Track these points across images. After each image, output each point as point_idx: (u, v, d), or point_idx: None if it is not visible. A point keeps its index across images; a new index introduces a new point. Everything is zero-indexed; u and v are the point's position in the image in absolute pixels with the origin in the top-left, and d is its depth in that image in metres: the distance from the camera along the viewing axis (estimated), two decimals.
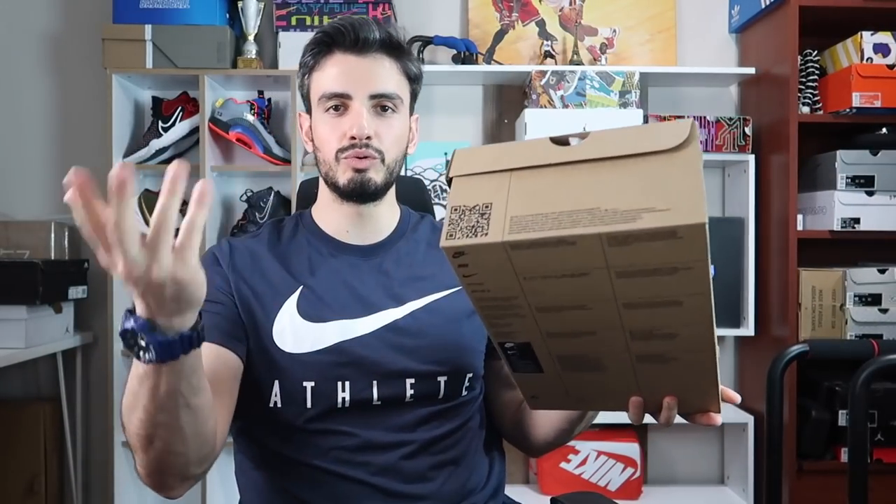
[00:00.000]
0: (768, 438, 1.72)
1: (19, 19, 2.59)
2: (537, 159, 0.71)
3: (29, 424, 2.42)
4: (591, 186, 0.68)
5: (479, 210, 0.70)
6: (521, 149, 0.73)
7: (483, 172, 0.73)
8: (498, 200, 0.70)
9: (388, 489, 1.05)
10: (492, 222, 0.69)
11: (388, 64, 1.09)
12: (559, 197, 0.68)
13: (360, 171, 1.08)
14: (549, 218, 0.67)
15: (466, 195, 0.72)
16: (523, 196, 0.69)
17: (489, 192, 0.71)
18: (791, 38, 2.23)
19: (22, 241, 2.37)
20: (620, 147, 0.69)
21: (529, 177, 0.71)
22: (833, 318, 2.25)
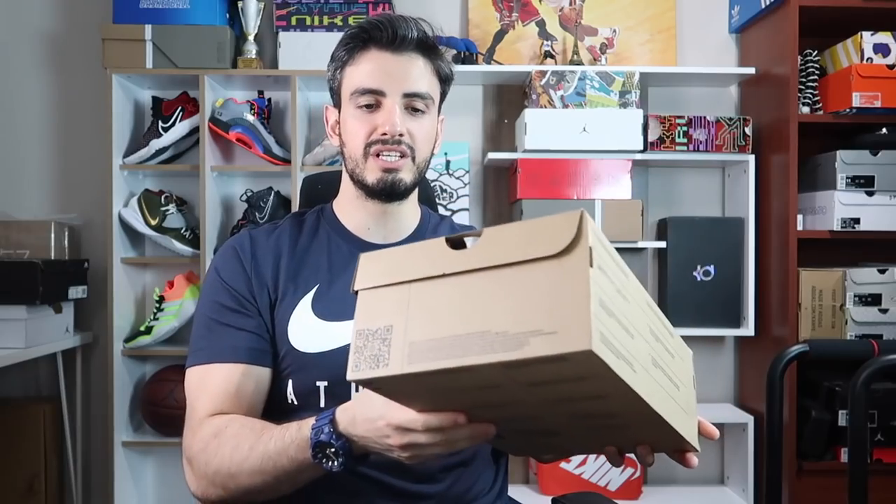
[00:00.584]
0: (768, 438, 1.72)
1: (19, 19, 2.59)
2: (433, 268, 0.68)
3: (29, 424, 2.42)
4: (481, 304, 0.64)
5: (380, 335, 0.69)
6: (419, 254, 0.70)
7: (385, 285, 0.71)
8: (398, 322, 0.68)
9: (396, 487, 1.04)
10: (392, 350, 0.67)
11: (421, 63, 1.09)
12: (453, 317, 0.65)
13: (390, 170, 1.08)
14: (445, 344, 0.64)
15: (370, 315, 0.71)
16: (421, 316, 0.67)
17: (390, 311, 0.70)
18: (791, 38, 2.23)
19: (22, 241, 2.37)
20: (509, 252, 0.64)
21: (427, 290, 0.68)
22: (833, 318, 2.25)
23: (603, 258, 0.64)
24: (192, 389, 1.05)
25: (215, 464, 0.94)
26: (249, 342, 1.06)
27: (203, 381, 1.04)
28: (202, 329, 1.08)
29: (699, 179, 2.61)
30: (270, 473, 0.89)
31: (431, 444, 0.75)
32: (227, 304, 1.07)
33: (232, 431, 0.95)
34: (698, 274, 2.42)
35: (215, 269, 1.11)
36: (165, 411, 2.34)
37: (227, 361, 1.04)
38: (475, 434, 0.74)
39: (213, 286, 1.10)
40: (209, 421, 0.99)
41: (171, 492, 2.56)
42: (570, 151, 2.33)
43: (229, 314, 1.07)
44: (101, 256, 2.43)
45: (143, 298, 2.54)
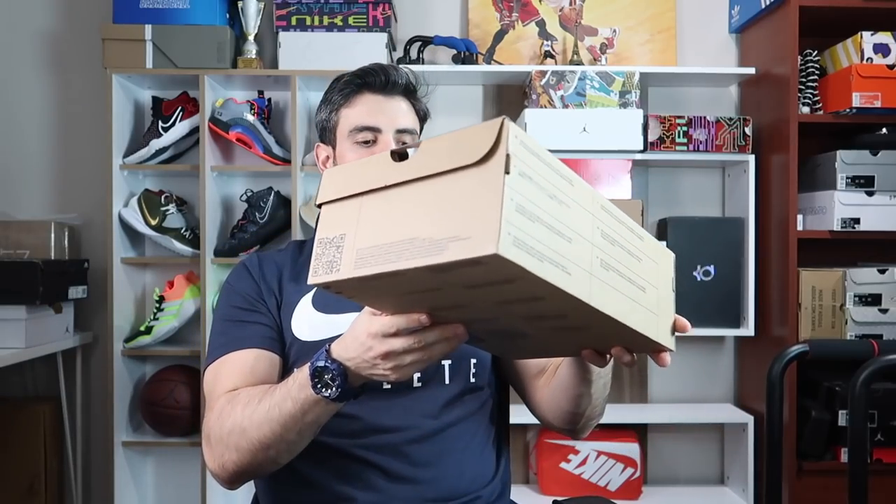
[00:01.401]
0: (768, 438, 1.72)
1: (19, 19, 2.59)
2: (379, 180, 0.73)
3: (29, 424, 2.42)
4: (412, 212, 0.69)
5: (335, 243, 0.75)
6: (370, 168, 0.75)
7: (341, 199, 0.77)
8: (349, 231, 0.74)
9: (391, 471, 1.10)
10: (343, 256, 0.73)
11: (405, 106, 1.24)
12: (392, 225, 0.70)
13: None
14: (383, 250, 0.69)
15: (328, 225, 0.76)
16: (368, 225, 0.73)
17: (344, 221, 0.75)
18: (791, 38, 2.23)
19: (22, 241, 2.37)
20: (438, 162, 0.68)
21: (373, 201, 0.73)
22: (833, 318, 2.25)
23: (529, 164, 0.66)
24: (210, 381, 1.13)
25: (228, 424, 1.00)
26: (262, 332, 1.16)
27: (219, 370, 1.12)
28: (217, 333, 1.18)
29: (699, 179, 2.61)
30: (276, 420, 0.94)
31: (409, 349, 0.80)
32: (239, 305, 1.19)
33: (244, 394, 1.03)
34: (698, 274, 2.42)
35: (228, 283, 1.24)
36: (165, 411, 2.34)
37: (241, 348, 1.13)
38: (446, 335, 0.80)
39: (228, 296, 1.22)
40: (223, 396, 1.07)
41: (171, 492, 2.56)
42: (570, 151, 2.33)
43: (242, 313, 1.18)
44: (101, 256, 2.43)
45: (143, 298, 2.54)
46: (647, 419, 2.46)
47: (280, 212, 2.41)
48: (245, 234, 2.38)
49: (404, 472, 1.10)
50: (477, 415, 1.18)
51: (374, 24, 2.37)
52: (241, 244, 2.37)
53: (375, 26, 2.37)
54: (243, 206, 2.46)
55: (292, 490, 1.13)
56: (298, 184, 2.36)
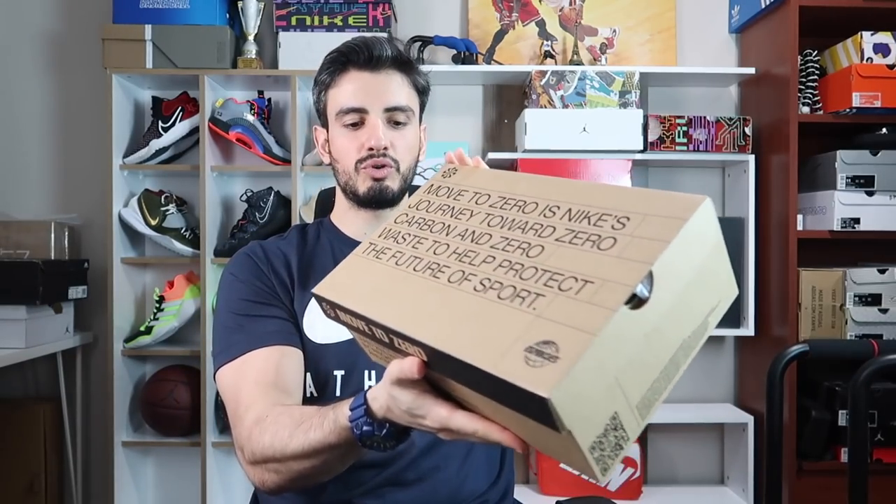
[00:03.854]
0: (768, 438, 1.72)
1: (19, 19, 2.59)
2: (633, 345, 0.61)
3: (29, 424, 2.42)
4: (674, 323, 0.64)
5: (610, 427, 0.61)
6: (615, 342, 0.59)
7: (593, 399, 0.59)
8: (619, 405, 0.61)
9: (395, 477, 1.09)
10: (626, 426, 0.61)
11: (398, 79, 1.16)
12: (656, 354, 0.63)
13: (378, 180, 1.15)
14: (660, 379, 0.63)
15: (592, 428, 0.60)
16: (633, 380, 0.61)
17: (606, 404, 0.60)
18: (791, 38, 2.23)
19: (22, 241, 2.37)
20: (684, 273, 0.63)
21: (630, 362, 0.62)
22: (833, 318, 2.25)
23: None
24: (230, 385, 1.05)
25: (259, 452, 0.94)
26: (282, 327, 1.10)
27: (241, 371, 1.05)
28: (229, 328, 1.10)
29: (699, 179, 2.61)
30: (316, 458, 0.89)
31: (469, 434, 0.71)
32: (251, 298, 1.12)
33: (272, 419, 0.95)
34: None
35: (231, 274, 1.16)
36: (165, 411, 2.34)
37: (263, 346, 1.06)
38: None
39: (233, 287, 1.14)
40: (252, 408, 1.00)
41: (171, 492, 2.56)
42: (570, 151, 2.33)
43: (256, 306, 1.11)
44: (101, 256, 2.43)
45: (143, 298, 2.54)
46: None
47: (280, 212, 2.41)
48: (245, 234, 2.38)
49: (408, 477, 1.09)
50: None
51: (374, 24, 2.37)
52: (241, 244, 2.37)
53: (375, 26, 2.37)
54: (243, 206, 2.46)
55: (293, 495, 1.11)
56: (298, 184, 2.36)
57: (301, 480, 0.93)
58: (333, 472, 0.93)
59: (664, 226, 0.63)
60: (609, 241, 0.65)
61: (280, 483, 0.95)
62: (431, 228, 0.81)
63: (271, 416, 0.96)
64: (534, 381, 0.56)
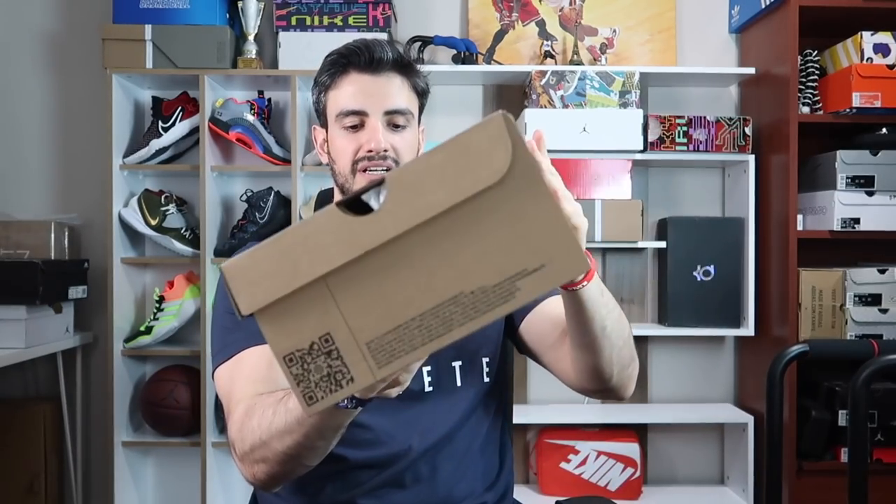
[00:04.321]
0: (768, 438, 1.72)
1: (19, 19, 2.59)
2: (349, 250, 0.54)
3: (29, 424, 2.42)
4: (431, 268, 0.53)
5: (320, 349, 0.56)
6: (314, 238, 0.56)
7: (288, 294, 0.56)
8: (335, 327, 0.55)
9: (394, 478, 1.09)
10: (348, 361, 0.55)
11: (398, 81, 1.16)
12: (404, 295, 0.54)
13: None
14: (413, 328, 0.54)
15: (289, 335, 0.56)
16: (361, 309, 0.55)
17: (315, 319, 0.55)
18: (791, 38, 2.23)
19: (22, 241, 2.37)
20: (435, 197, 0.53)
21: (351, 277, 0.55)
22: (833, 318, 2.25)
23: None
24: (225, 383, 1.07)
25: (250, 439, 0.95)
26: None
27: (235, 370, 1.06)
28: (226, 328, 1.11)
29: (699, 179, 2.61)
30: (298, 432, 0.89)
31: None
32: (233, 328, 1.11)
33: (259, 404, 0.97)
34: (698, 274, 2.41)
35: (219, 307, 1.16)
36: (165, 411, 2.34)
37: (257, 344, 1.06)
38: None
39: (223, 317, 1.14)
40: (243, 401, 1.01)
41: (171, 492, 2.56)
42: (570, 151, 2.33)
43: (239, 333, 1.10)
44: (101, 256, 2.43)
45: (143, 298, 2.54)
46: (647, 419, 2.46)
47: (280, 212, 2.41)
48: (245, 234, 2.37)
49: (407, 478, 1.09)
50: (486, 416, 1.17)
51: (374, 24, 2.37)
52: (241, 244, 2.37)
53: (375, 26, 2.37)
54: (243, 206, 2.46)
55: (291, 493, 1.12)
56: (298, 184, 2.35)
57: (288, 462, 0.92)
58: (316, 449, 0.92)
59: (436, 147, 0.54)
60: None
61: (270, 472, 0.94)
62: None
63: (259, 403, 0.98)
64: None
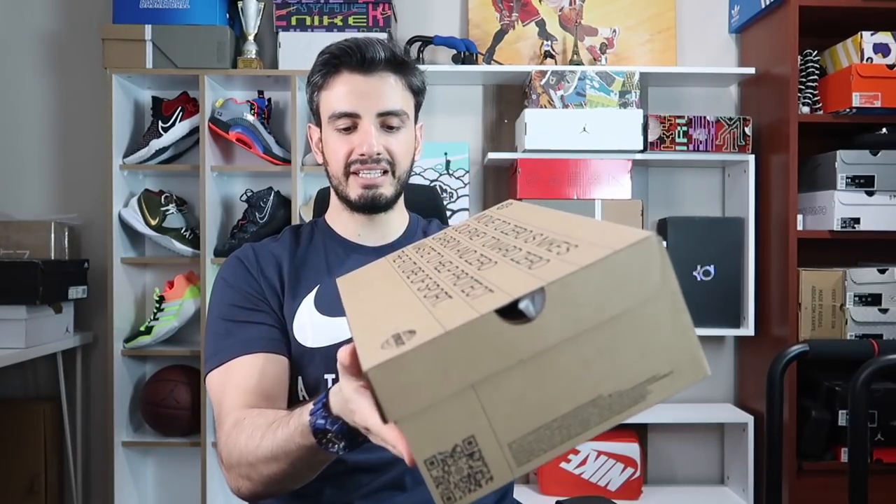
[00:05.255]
0: (768, 438, 1.72)
1: (19, 19, 2.59)
2: (501, 359, 0.56)
3: (29, 424, 2.42)
4: (579, 373, 0.58)
5: (462, 451, 0.57)
6: (468, 344, 0.55)
7: (435, 403, 0.56)
8: (479, 430, 0.57)
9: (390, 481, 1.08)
10: (489, 460, 0.57)
11: (392, 81, 1.13)
12: (549, 397, 0.57)
13: (370, 187, 1.14)
14: (554, 428, 0.58)
15: (433, 439, 0.57)
16: (506, 412, 0.57)
17: (461, 422, 0.57)
18: (791, 38, 2.23)
19: (22, 241, 2.37)
20: (592, 313, 0.57)
21: (499, 383, 0.57)
22: (833, 318, 2.25)
23: None
24: (217, 390, 1.06)
25: (235, 454, 0.94)
26: (268, 333, 1.10)
27: (226, 377, 1.06)
28: (218, 334, 1.10)
29: (699, 179, 2.61)
30: (284, 461, 0.87)
31: None
32: (240, 304, 1.12)
33: (248, 421, 0.95)
34: (698, 274, 2.41)
35: (223, 279, 1.15)
36: (165, 411, 2.34)
37: (248, 353, 1.06)
38: None
39: (223, 292, 1.14)
40: (232, 412, 1.00)
41: (171, 492, 2.56)
42: (570, 151, 2.33)
43: (244, 312, 1.11)
44: (101, 256, 2.43)
45: (143, 298, 2.54)
46: (647, 419, 2.46)
47: (280, 212, 2.41)
48: (245, 234, 2.38)
49: (407, 481, 1.09)
50: None
51: (374, 24, 2.37)
52: (241, 244, 2.36)
53: (375, 26, 2.37)
54: (243, 206, 2.46)
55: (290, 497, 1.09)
56: (298, 184, 2.36)
57: (273, 486, 0.92)
58: (302, 477, 0.91)
59: (588, 252, 0.59)
60: (541, 262, 0.61)
61: (254, 490, 0.94)
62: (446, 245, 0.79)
63: (248, 418, 0.96)
64: (368, 358, 0.54)
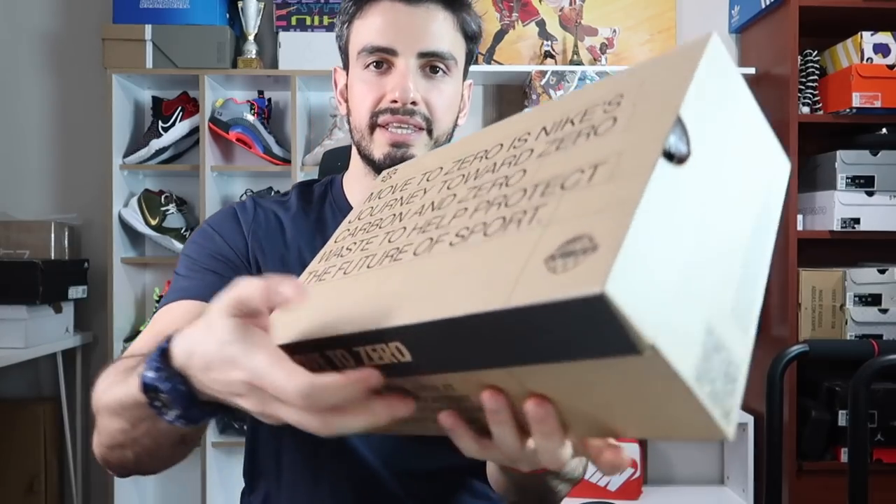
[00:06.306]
0: (768, 438, 1.72)
1: (19, 19, 2.59)
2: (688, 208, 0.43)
3: (29, 424, 2.42)
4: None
5: (710, 345, 0.41)
6: (667, 203, 0.41)
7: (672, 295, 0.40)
8: (709, 306, 0.42)
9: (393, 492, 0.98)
10: (728, 341, 0.43)
11: (442, 17, 0.91)
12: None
13: (399, 145, 0.91)
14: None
15: (686, 343, 0.39)
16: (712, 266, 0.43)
17: (695, 307, 0.41)
18: (791, 38, 2.23)
19: (22, 241, 2.37)
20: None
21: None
22: (833, 318, 2.25)
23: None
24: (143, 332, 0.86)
25: (93, 400, 0.70)
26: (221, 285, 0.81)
27: (156, 318, 0.85)
28: (180, 276, 0.91)
29: None
30: (124, 417, 0.63)
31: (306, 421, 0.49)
32: (213, 253, 0.92)
33: (120, 363, 0.70)
34: None
35: (208, 223, 0.96)
36: None
37: (191, 298, 0.86)
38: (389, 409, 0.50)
39: (205, 234, 0.94)
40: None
41: (171, 492, 2.56)
42: None
43: (213, 261, 0.91)
44: (101, 256, 2.43)
45: (143, 298, 2.54)
46: None
47: None
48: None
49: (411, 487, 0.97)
50: None
51: None
52: None
53: None
54: None
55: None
56: None
57: (117, 451, 0.68)
58: (151, 452, 0.66)
59: (673, 74, 0.47)
60: (607, 122, 0.49)
61: (101, 454, 0.71)
62: (380, 226, 0.64)
63: (122, 359, 0.71)
64: (571, 285, 0.37)
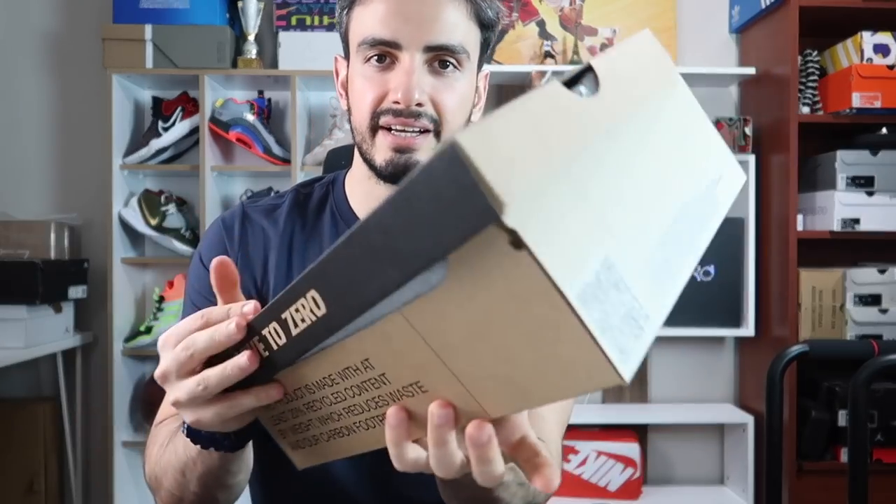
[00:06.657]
0: (768, 438, 1.72)
1: (19, 19, 2.59)
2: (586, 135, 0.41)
3: (29, 424, 2.42)
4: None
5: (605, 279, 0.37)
6: (553, 114, 0.39)
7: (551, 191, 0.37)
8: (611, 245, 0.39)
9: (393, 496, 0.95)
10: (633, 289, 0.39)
11: (455, 4, 0.81)
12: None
13: (403, 150, 0.82)
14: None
15: (569, 260, 0.36)
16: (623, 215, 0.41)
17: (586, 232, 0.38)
18: (791, 38, 2.23)
19: (22, 241, 2.37)
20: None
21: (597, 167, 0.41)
22: (833, 318, 2.25)
23: None
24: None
25: (148, 470, 0.76)
26: None
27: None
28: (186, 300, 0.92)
29: None
30: (176, 467, 0.70)
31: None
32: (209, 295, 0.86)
33: (164, 430, 0.77)
34: (698, 274, 2.41)
35: (199, 253, 0.93)
36: None
37: None
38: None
39: (197, 272, 0.92)
40: (161, 421, 0.83)
41: None
42: None
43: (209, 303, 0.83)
44: (101, 256, 2.43)
45: (143, 298, 2.54)
46: (647, 419, 2.46)
47: None
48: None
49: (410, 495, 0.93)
50: None
51: None
52: None
53: None
54: None
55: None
56: None
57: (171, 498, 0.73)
58: (193, 490, 0.70)
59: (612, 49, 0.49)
60: None
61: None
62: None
63: (164, 428, 0.78)
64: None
